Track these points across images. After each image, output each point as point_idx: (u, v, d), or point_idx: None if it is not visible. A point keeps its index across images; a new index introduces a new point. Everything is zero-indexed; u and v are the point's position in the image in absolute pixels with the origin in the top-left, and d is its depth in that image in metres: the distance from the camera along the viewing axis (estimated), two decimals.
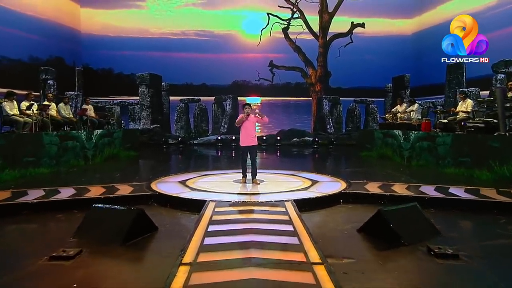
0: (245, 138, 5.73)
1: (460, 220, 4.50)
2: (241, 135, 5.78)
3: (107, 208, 3.95)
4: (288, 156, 12.25)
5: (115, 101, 16.28)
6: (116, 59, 16.32)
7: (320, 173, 7.18)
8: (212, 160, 11.07)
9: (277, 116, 16.82)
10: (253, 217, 4.28)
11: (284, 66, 17.17)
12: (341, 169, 9.06)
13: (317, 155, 12.56)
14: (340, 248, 3.54)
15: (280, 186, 5.78)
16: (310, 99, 17.24)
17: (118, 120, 15.84)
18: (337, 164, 10.44)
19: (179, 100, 16.56)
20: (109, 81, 16.30)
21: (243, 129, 5.73)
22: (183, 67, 16.63)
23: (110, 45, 16.34)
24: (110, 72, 16.47)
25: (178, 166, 9.63)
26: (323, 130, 16.70)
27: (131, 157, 10.91)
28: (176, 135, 16.35)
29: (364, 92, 16.87)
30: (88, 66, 16.33)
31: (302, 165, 9.86)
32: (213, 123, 16.64)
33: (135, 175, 7.38)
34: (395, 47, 16.55)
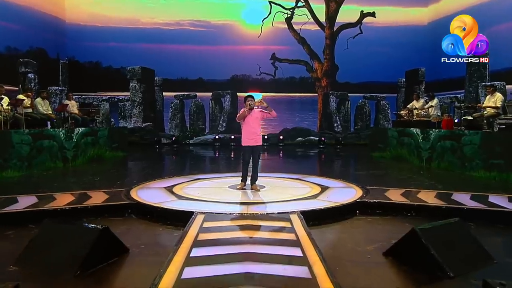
0: (248, 137, 5.23)
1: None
2: (243, 132, 5.27)
3: (62, 225, 3.16)
4: (292, 157, 11.92)
5: (104, 97, 15.90)
6: (104, 52, 15.83)
7: (329, 177, 6.73)
8: (208, 162, 10.75)
9: (280, 113, 16.40)
10: (250, 235, 3.55)
11: (288, 59, 16.86)
12: (352, 172, 8.61)
13: (323, 156, 12.31)
14: (364, 280, 2.82)
15: (284, 193, 5.27)
16: (316, 95, 17.01)
17: (106, 118, 15.50)
18: (347, 166, 10.07)
19: (174, 96, 16.28)
20: (97, 75, 15.81)
21: (245, 126, 5.23)
22: (177, 61, 16.25)
23: (98, 36, 15.84)
24: (98, 65, 16.00)
25: (168, 169, 9.19)
26: (329, 129, 16.37)
27: (117, 159, 10.53)
28: (170, 134, 15.96)
29: (374, 87, 16.43)
30: (74, 59, 15.81)
31: (308, 167, 9.54)
32: (210, 121, 16.35)
33: (117, 179, 6.90)
34: (408, 38, 16.04)
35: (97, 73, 15.80)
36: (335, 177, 6.75)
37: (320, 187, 5.58)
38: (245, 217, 4.13)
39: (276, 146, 15.20)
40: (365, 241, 3.75)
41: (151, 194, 5.23)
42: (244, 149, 5.32)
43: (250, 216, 4.17)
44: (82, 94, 15.45)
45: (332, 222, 4.33)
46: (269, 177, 6.57)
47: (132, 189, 5.58)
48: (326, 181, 6.24)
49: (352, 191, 5.40)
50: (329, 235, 4.04)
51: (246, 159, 5.30)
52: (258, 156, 5.32)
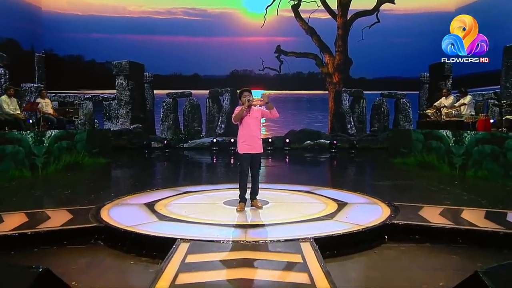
0: (246, 142, 4.79)
1: None
2: (240, 137, 4.85)
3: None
4: (300, 163, 11.79)
5: (86, 95, 15.63)
6: (86, 44, 15.53)
7: (346, 189, 6.30)
8: (203, 170, 10.54)
9: (286, 113, 16.36)
10: (247, 276, 2.92)
11: (295, 53, 16.73)
12: (372, 182, 8.14)
13: (336, 162, 12.17)
14: None
15: (291, 211, 4.79)
16: (327, 92, 16.84)
17: (89, 119, 15.14)
18: (365, 175, 9.89)
19: (166, 94, 16.26)
20: (78, 71, 15.52)
21: (243, 129, 4.82)
22: (170, 54, 16.05)
23: (79, 26, 15.48)
24: (80, 59, 15.77)
25: (156, 179, 8.88)
26: (342, 131, 16.14)
27: (98, 166, 10.25)
28: (162, 138, 15.76)
29: (393, 83, 16.16)
30: (52, 52, 15.47)
31: (319, 176, 9.40)
32: (207, 123, 16.38)
33: (92, 192, 6.47)
34: (433, 27, 15.32)
35: (79, 68, 15.51)
36: (353, 189, 6.33)
37: (337, 203, 5.11)
38: (241, 247, 3.54)
39: (281, 150, 14.96)
40: (403, 281, 3.08)
41: (126, 213, 4.77)
42: (241, 158, 4.84)
43: (249, 245, 3.58)
44: (61, 92, 15.26)
45: (355, 252, 3.76)
46: (273, 189, 6.18)
47: (105, 206, 5.05)
48: (343, 194, 5.79)
49: (376, 208, 4.88)
50: (353, 272, 3.39)
51: (244, 170, 4.80)
52: (258, 165, 4.93)
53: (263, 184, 6.30)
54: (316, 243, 3.52)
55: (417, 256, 3.65)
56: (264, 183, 6.53)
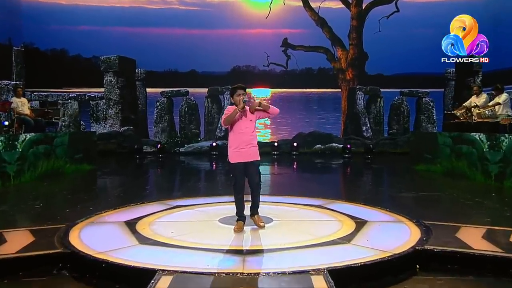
0: (238, 148, 4.58)
1: None
2: (232, 142, 4.64)
3: None
4: (309, 170, 11.66)
5: (71, 94, 15.48)
6: (72, 37, 15.51)
7: (363, 202, 6.09)
8: (200, 178, 10.41)
9: (294, 114, 16.21)
10: None
11: (303, 46, 16.56)
12: (393, 193, 7.82)
13: (350, 169, 12.07)
14: None
15: (300, 231, 4.56)
16: (339, 91, 16.64)
17: (74, 120, 14.92)
18: (384, 184, 9.65)
19: (160, 93, 16.08)
20: (62, 66, 15.45)
21: (234, 133, 4.62)
22: (164, 48, 16.27)
23: (63, 18, 15.37)
24: (64, 54, 15.77)
25: (144, 189, 8.61)
26: (357, 134, 15.85)
27: (81, 174, 10.05)
28: (155, 141, 15.42)
29: (414, 80, 16.28)
30: (32, 45, 15.26)
31: (331, 186, 9.21)
32: (206, 125, 16.12)
33: (68, 206, 6.23)
34: None
35: (62, 64, 15.42)
36: (372, 202, 6.12)
37: (354, 222, 4.86)
38: (237, 282, 3.20)
39: (288, 155, 14.64)
40: None
41: (101, 234, 4.51)
42: (233, 169, 4.63)
43: (247, 279, 3.25)
44: (43, 91, 15.14)
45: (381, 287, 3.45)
46: (278, 203, 5.98)
47: (76, 225, 4.72)
48: (361, 210, 5.57)
49: (403, 229, 4.59)
50: None
51: (238, 184, 4.59)
52: (257, 176, 4.68)
53: (266, 196, 6.14)
54: (332, 277, 3.25)
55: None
56: (267, 195, 6.39)
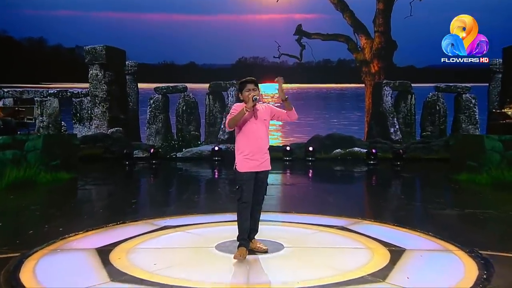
0: (250, 155, 4.51)
1: None
2: (240, 147, 4.57)
3: None
4: (328, 180, 11.56)
5: (51, 90, 15.23)
6: (51, 24, 16.44)
7: (396, 222, 5.98)
8: (199, 189, 10.37)
9: (309, 113, 16.48)
10: None
11: (320, 34, 16.48)
12: (433, 210, 7.51)
13: (376, 178, 12.01)
14: None
15: (318, 263, 4.37)
16: (362, 86, 16.68)
17: (54, 121, 14.83)
18: (420, 198, 9.38)
19: (154, 89, 16.04)
20: (40, 58, 16.13)
21: (244, 136, 4.56)
22: (159, 37, 16.53)
23: (41, 2, 15.58)
24: (42, 44, 17.00)
25: (129, 203, 8.32)
26: (383, 136, 15.64)
27: (58, 184, 9.92)
28: (148, 145, 15.30)
29: (452, 73, 16.07)
30: (5, 33, 16.67)
31: (355, 200, 8.99)
32: (206, 126, 16.07)
33: (33, 225, 6.15)
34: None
35: (40, 55, 16.11)
36: (407, 221, 6.08)
37: (388, 250, 4.65)
38: None
39: (303, 162, 14.41)
40: None
41: (63, 267, 4.23)
42: (242, 180, 4.49)
43: None
44: (18, 86, 14.99)
45: None
46: (290, 223, 5.95)
47: (35, 254, 4.49)
48: (395, 233, 5.45)
49: (453, 260, 4.35)
50: None
51: (245, 197, 4.45)
52: (264, 189, 4.68)
53: (276, 214, 6.18)
54: None
55: None
56: (277, 213, 6.41)
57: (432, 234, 5.22)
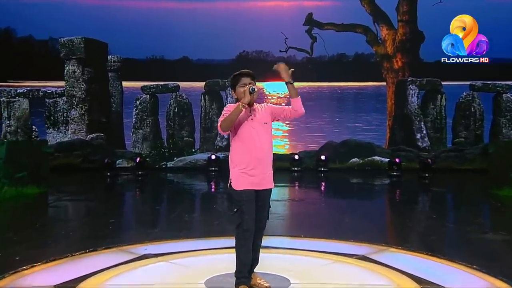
0: (248, 168, 4.39)
1: None
2: (236, 158, 4.43)
3: None
4: (343, 195, 11.60)
5: (20, 89, 15.31)
6: (20, 12, 16.15)
7: (429, 248, 5.92)
8: (191, 206, 10.26)
9: (321, 116, 16.05)
10: None
11: (334, 24, 16.62)
12: (474, 234, 7.27)
13: (400, 192, 11.97)
14: None
15: None
16: (384, 84, 16.75)
17: (24, 125, 14.75)
18: (456, 218, 9.25)
19: (141, 88, 16.04)
20: (7, 52, 15.64)
21: (242, 143, 4.42)
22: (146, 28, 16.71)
23: None
24: (9, 35, 16.74)
25: (106, 224, 8.07)
26: (408, 143, 15.49)
27: (24, 201, 9.89)
28: (134, 153, 15.23)
29: (490, 69, 15.65)
30: None
31: (377, 220, 8.83)
32: (202, 131, 16.01)
33: None
34: None
35: (7, 49, 15.86)
36: (443, 249, 6.07)
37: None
38: None
39: (314, 173, 14.31)
40: None
41: None
42: (240, 200, 4.35)
43: None
44: None
45: None
46: (298, 250, 5.87)
47: None
48: (429, 264, 5.33)
49: None
50: None
51: (248, 225, 4.32)
52: (266, 212, 4.56)
53: (282, 238, 6.19)
54: None
55: None
56: (283, 236, 6.40)
57: (477, 267, 5.06)
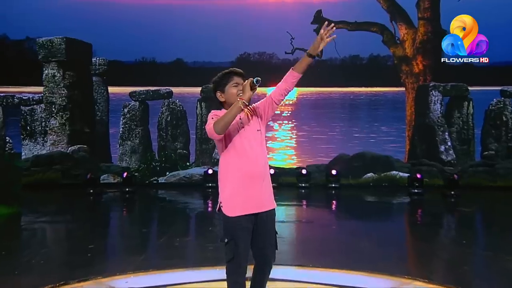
0: (244, 187, 4.10)
1: None
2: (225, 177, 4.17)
3: None
4: (357, 216, 11.54)
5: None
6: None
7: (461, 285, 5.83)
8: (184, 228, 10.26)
9: (331, 125, 15.90)
10: None
11: (347, 23, 16.74)
12: (508, 264, 7.15)
13: (423, 213, 12.03)
14: None
15: None
16: (402, 90, 16.80)
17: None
18: (491, 246, 8.95)
19: (129, 94, 16.10)
20: None
21: (230, 157, 4.16)
22: (136, 28, 16.48)
23: None
24: None
25: (84, 250, 7.95)
26: (431, 156, 15.44)
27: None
28: (121, 167, 15.34)
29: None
30: None
31: (397, 247, 8.70)
32: (198, 142, 16.06)
33: None
34: None
35: None
36: (480, 284, 6.15)
37: None
38: None
39: (323, 190, 14.32)
40: None
41: None
42: (232, 228, 4.07)
43: None
44: None
45: None
46: (305, 283, 5.84)
47: None
48: None
49: None
50: None
51: (241, 260, 4.04)
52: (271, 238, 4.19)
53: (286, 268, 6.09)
54: None
55: None
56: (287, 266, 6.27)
57: None
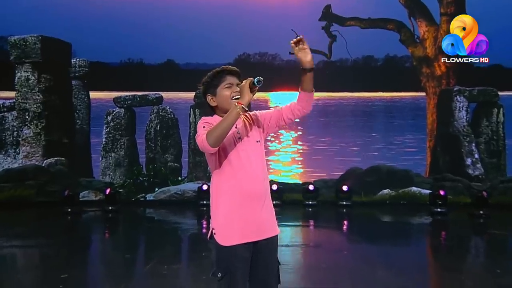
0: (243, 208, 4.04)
1: None
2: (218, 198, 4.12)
3: None
4: (371, 239, 11.48)
5: None
6: None
7: None
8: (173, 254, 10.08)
9: (342, 135, 16.21)
10: None
11: (359, 20, 17.12)
12: None
13: (446, 235, 11.96)
14: None
15: None
16: (423, 95, 17.07)
17: None
18: None
19: (113, 99, 16.41)
20: None
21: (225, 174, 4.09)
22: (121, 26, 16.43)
23: None
24: None
25: (57, 280, 7.81)
26: (456, 170, 15.50)
27: None
28: (103, 182, 15.36)
29: None
30: None
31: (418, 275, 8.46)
32: (191, 154, 16.17)
33: None
34: None
35: None
36: None
37: None
38: None
39: (333, 208, 14.35)
40: None
41: None
42: (228, 260, 4.02)
43: None
44: None
45: None
46: None
47: None
48: None
49: None
50: None
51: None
52: (273, 269, 4.13)
53: None
54: None
55: None
56: None
57: None
